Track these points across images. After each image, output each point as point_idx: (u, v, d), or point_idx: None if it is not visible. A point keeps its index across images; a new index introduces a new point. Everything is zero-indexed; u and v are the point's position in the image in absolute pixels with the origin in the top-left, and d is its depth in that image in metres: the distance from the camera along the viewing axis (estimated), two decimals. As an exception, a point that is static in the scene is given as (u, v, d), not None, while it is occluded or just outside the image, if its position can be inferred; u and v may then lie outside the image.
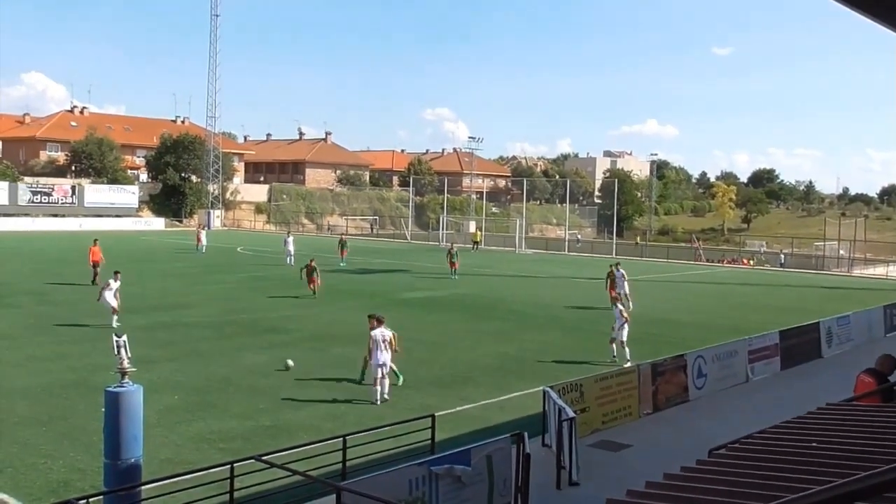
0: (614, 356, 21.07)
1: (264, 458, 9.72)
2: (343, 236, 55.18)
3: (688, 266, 59.28)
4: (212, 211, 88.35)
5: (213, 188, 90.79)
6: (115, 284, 23.93)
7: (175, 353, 20.52)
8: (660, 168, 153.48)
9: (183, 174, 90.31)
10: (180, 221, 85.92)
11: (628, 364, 19.24)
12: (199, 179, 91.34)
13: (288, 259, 45.92)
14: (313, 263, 31.71)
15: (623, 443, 14.32)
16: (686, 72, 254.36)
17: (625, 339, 20.99)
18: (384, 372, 16.39)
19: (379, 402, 16.12)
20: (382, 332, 16.59)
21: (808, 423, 8.92)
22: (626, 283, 31.55)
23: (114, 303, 23.55)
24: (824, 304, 35.29)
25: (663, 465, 11.44)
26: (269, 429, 14.44)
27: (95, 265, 33.79)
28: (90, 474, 11.60)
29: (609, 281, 32.01)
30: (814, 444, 7.70)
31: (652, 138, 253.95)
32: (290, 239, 47.96)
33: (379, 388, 16.29)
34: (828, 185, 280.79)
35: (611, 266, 33.39)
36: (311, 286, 31.50)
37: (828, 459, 7.10)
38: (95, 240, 35.62)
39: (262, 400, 16.34)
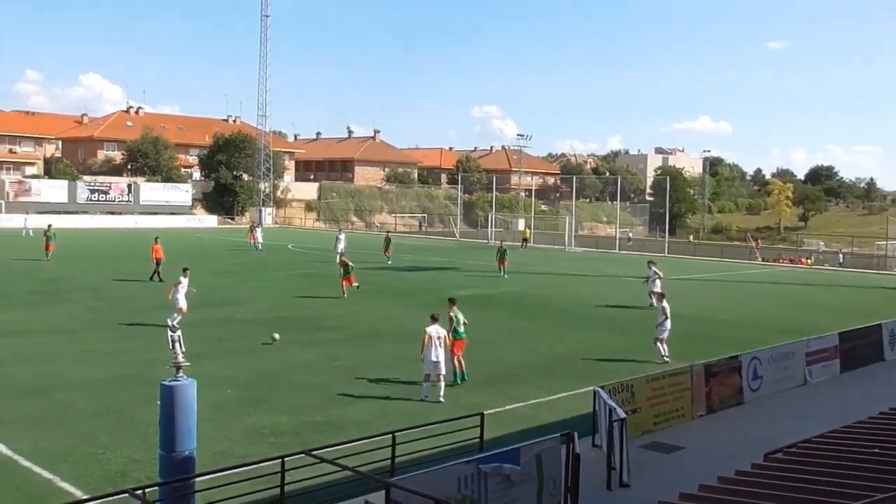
0: (664, 356, 20.84)
1: (314, 452, 9.81)
2: (388, 233, 55.40)
3: (743, 265, 58.30)
4: (263, 208, 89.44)
5: (264, 186, 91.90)
6: (184, 281, 23.72)
7: (228, 349, 20.82)
8: (713, 165, 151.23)
9: (235, 172, 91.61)
10: (232, 219, 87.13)
11: (665, 359, 19.54)
12: (250, 177, 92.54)
13: (337, 255, 46.37)
14: (345, 258, 31.41)
15: (675, 444, 14.12)
16: (739, 67, 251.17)
17: (664, 336, 20.70)
18: (441, 371, 16.34)
19: (436, 399, 16.13)
20: (437, 330, 16.59)
21: (870, 428, 8.70)
22: (657, 282, 30.99)
23: (183, 305, 23.24)
24: (886, 306, 34.40)
25: (717, 468, 11.26)
26: (320, 424, 14.57)
27: (158, 262, 34.47)
28: (146, 465, 11.85)
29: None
30: (876, 451, 7.50)
31: (704, 135, 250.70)
32: (342, 236, 48.38)
33: (440, 384, 16.31)
34: (889, 183, 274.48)
35: (648, 263, 33.07)
36: (345, 284, 30.83)
37: (891, 466, 6.91)
38: (157, 238, 36.30)
39: (313, 395, 16.50)
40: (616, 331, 26.03)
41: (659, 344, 21.03)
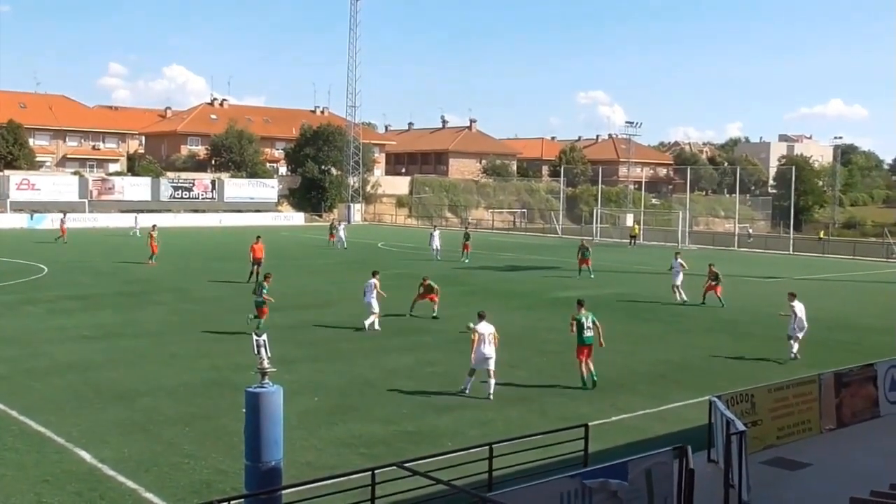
0: (794, 353, 21.46)
1: (406, 464, 9.92)
2: (467, 229, 55.53)
3: (879, 264, 56.11)
4: (352, 205, 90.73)
5: (353, 181, 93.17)
6: (373, 282, 25.19)
7: (316, 353, 21.28)
8: (845, 153, 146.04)
9: (323, 167, 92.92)
10: (320, 216, 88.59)
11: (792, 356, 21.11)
12: (339, 172, 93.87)
13: (434, 255, 46.83)
14: (428, 281, 28.27)
15: (801, 461, 13.77)
16: (876, 43, 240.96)
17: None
18: (491, 367, 17.23)
19: (486, 396, 17.03)
20: (486, 327, 17.48)
21: None
22: (680, 274, 32.34)
23: (376, 307, 24.68)
24: None
25: (848, 488, 10.91)
26: (412, 434, 14.76)
27: (257, 262, 35.30)
28: (231, 476, 12.21)
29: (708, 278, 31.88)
30: None
31: (836, 120, 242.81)
32: (437, 233, 49.08)
33: (491, 381, 17.17)
34: None
35: (709, 265, 32.96)
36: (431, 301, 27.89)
37: None
38: (258, 236, 37.07)
39: (405, 404, 16.72)
40: (735, 336, 25.49)
41: (791, 342, 21.70)
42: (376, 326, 24.62)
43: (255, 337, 10.74)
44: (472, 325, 17.97)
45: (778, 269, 48.12)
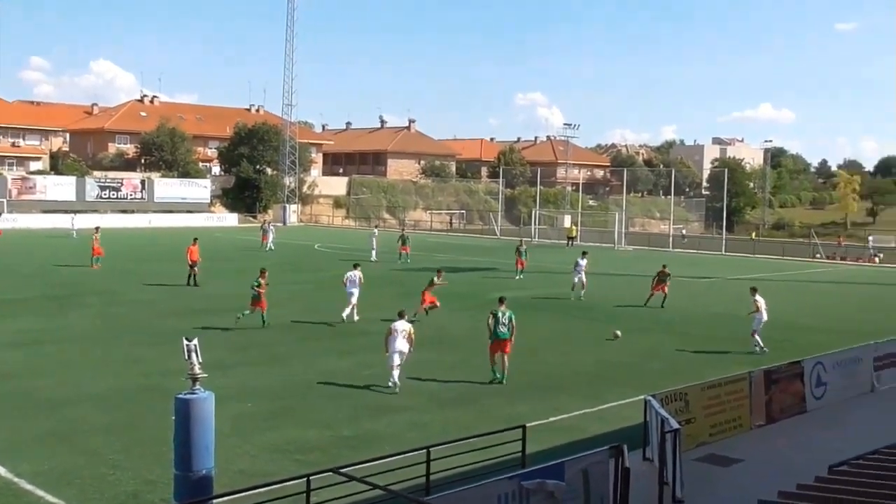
0: (762, 346, 22.75)
1: (343, 470, 9.87)
2: (404, 231, 55.78)
3: (807, 264, 57.65)
4: (288, 206, 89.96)
5: (289, 181, 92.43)
6: (357, 274, 26.67)
7: (250, 357, 21.04)
8: (775, 156, 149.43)
9: (257, 166, 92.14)
10: (254, 217, 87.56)
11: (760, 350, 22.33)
12: (274, 172, 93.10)
13: (373, 255, 47.06)
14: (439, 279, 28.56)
15: (733, 457, 14.08)
16: (805, 51, 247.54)
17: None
18: (397, 361, 18.02)
19: (395, 388, 17.76)
20: (402, 325, 18.36)
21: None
22: (582, 274, 33.65)
23: (355, 298, 26.17)
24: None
25: (777, 482, 11.18)
26: (349, 439, 14.69)
27: (193, 265, 34.91)
28: (160, 486, 11.97)
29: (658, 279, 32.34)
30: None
31: (766, 124, 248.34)
32: (376, 233, 49.63)
33: (396, 372, 17.95)
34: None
35: (663, 265, 33.63)
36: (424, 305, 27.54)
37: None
38: (195, 238, 36.51)
39: (342, 408, 16.63)
40: (672, 335, 25.92)
41: (756, 337, 23.07)
42: (354, 317, 25.64)
43: (185, 341, 10.57)
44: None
45: (711, 269, 49.07)
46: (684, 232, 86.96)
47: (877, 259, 63.82)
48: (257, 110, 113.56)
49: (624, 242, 68.81)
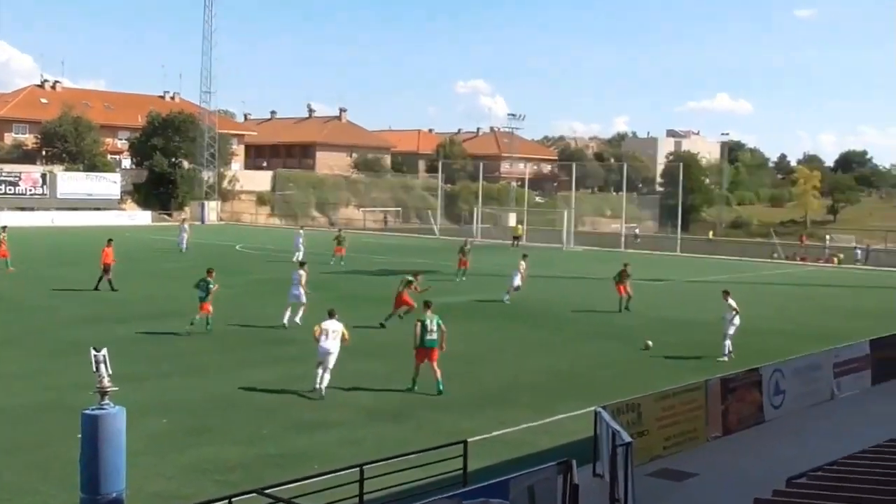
0: (731, 351, 23.43)
1: (268, 491, 9.85)
2: (341, 230, 55.79)
3: (766, 265, 58.87)
4: (206, 202, 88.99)
5: (207, 176, 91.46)
6: (301, 273, 27.29)
7: (166, 369, 20.80)
8: (732, 150, 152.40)
9: (173, 159, 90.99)
10: (170, 215, 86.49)
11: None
12: (191, 165, 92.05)
13: (297, 257, 46.73)
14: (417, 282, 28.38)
15: (687, 471, 14.36)
16: (763, 39, 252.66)
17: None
18: (330, 364, 18.55)
19: (319, 395, 18.24)
20: (332, 324, 18.83)
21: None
22: (517, 278, 34.42)
23: (304, 298, 26.76)
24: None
25: (734, 496, 11.46)
26: (275, 457, 14.64)
27: (107, 268, 34.38)
28: (66, 511, 11.80)
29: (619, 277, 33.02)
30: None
31: (723, 116, 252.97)
32: (301, 233, 50.01)
33: (320, 371, 18.51)
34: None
35: (624, 264, 34.34)
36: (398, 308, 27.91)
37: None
38: (110, 239, 35.96)
39: (268, 423, 16.55)
40: (624, 342, 26.25)
41: (727, 342, 23.78)
42: (297, 320, 26.14)
43: (93, 351, 10.43)
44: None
45: (666, 271, 49.80)
46: (637, 231, 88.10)
47: (835, 259, 65.48)
48: (172, 98, 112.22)
49: (573, 242, 69.41)
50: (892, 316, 32.23)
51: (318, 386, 18.42)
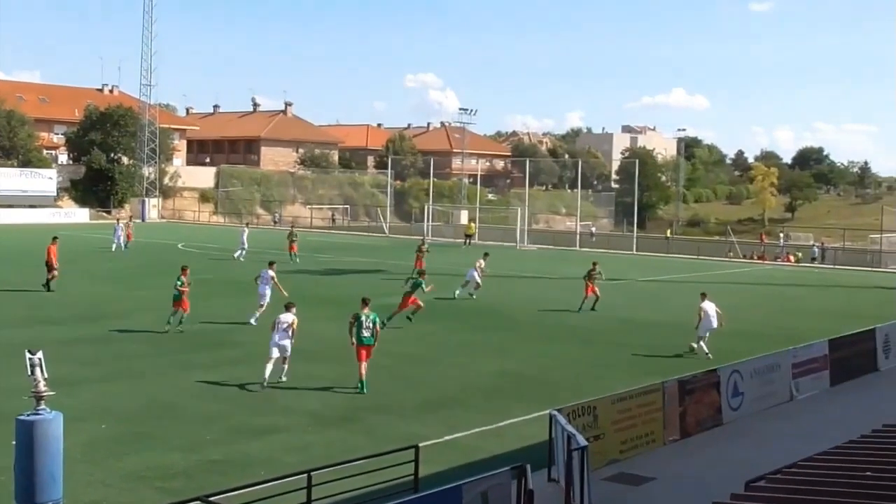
0: (707, 353, 23.79)
1: (211, 498, 9.77)
2: (293, 227, 55.76)
3: (723, 263, 59.64)
4: (147, 199, 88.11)
5: (148, 172, 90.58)
6: (270, 273, 27.95)
7: (104, 373, 20.54)
8: (689, 146, 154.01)
9: (111, 155, 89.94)
10: (108, 212, 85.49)
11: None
12: (131, 161, 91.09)
13: (238, 254, 46.80)
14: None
15: (645, 475, 14.45)
16: (719, 33, 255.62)
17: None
18: (286, 353, 19.58)
19: (276, 380, 19.33)
20: (287, 317, 19.84)
21: (862, 448, 9.08)
22: (476, 273, 35.39)
23: (267, 300, 27.06)
24: (881, 308, 35.74)
25: (692, 500, 11.56)
26: (218, 463, 14.51)
27: (48, 266, 34.08)
28: (-2, 522, 11.65)
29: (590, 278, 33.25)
30: (867, 474, 7.84)
31: (679, 111, 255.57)
32: (246, 230, 50.36)
33: (284, 367, 19.55)
34: (886, 167, 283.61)
35: (593, 263, 34.66)
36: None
37: (885, 491, 7.24)
38: (55, 237, 35.84)
39: (211, 429, 16.41)
40: (578, 343, 26.41)
41: (701, 343, 24.32)
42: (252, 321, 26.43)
43: (28, 354, 10.27)
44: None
45: (622, 270, 50.10)
46: (593, 230, 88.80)
47: (792, 258, 66.53)
48: (111, 91, 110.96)
49: (527, 241, 69.71)
50: (851, 315, 32.78)
51: (263, 379, 19.16)
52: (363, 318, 19.48)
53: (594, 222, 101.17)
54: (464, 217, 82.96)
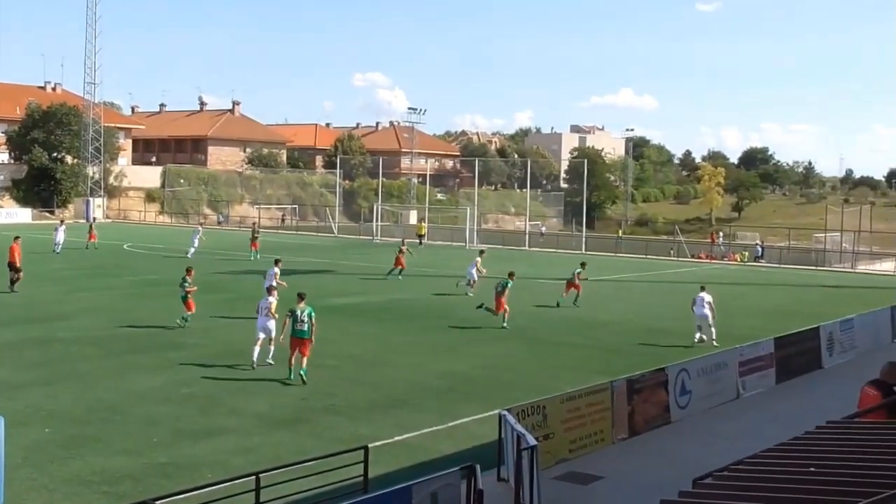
0: (704, 338, 25.53)
1: (159, 502, 9.69)
2: (255, 224, 56.07)
3: (670, 263, 60.26)
4: (91, 199, 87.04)
5: (92, 171, 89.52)
6: (275, 270, 29.50)
7: (47, 376, 20.24)
8: (637, 146, 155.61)
9: (54, 154, 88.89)
10: (52, 212, 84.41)
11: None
12: (75, 160, 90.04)
13: (190, 252, 46.73)
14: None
15: (594, 474, 14.58)
16: (666, 33, 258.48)
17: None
18: (264, 335, 21.12)
19: (254, 366, 20.78)
20: (266, 301, 21.52)
21: (806, 444, 9.24)
22: (474, 269, 36.76)
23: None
24: (825, 306, 36.43)
25: (641, 498, 11.69)
26: (165, 466, 14.39)
27: (13, 265, 34.17)
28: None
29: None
30: (811, 469, 7.99)
31: (627, 111, 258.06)
32: (200, 230, 51.47)
33: (270, 347, 21.07)
34: (830, 167, 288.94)
35: (581, 263, 35.66)
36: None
37: (828, 486, 7.38)
38: (16, 237, 36.07)
39: (157, 431, 16.26)
40: (528, 343, 26.52)
41: (701, 331, 25.78)
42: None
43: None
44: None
45: (571, 269, 50.44)
46: (542, 229, 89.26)
47: (738, 257, 67.43)
48: (53, 88, 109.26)
49: (476, 240, 69.83)
50: (796, 314, 33.31)
51: (252, 360, 20.87)
52: (298, 312, 20.16)
53: (543, 222, 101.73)
54: (413, 217, 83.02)
